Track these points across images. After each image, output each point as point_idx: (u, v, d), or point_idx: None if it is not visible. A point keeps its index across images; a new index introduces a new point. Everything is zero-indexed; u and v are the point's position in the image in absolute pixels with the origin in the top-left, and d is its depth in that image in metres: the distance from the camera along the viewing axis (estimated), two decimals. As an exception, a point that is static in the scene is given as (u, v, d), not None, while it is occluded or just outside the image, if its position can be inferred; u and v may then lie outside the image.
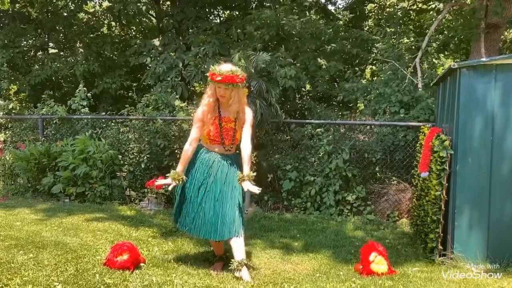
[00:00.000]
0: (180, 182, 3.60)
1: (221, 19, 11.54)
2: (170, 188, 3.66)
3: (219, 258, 3.90)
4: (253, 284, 3.23)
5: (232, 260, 3.50)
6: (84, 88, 7.63)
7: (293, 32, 8.41)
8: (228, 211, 3.54)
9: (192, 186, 3.63)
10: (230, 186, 3.58)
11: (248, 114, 3.69)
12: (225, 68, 3.55)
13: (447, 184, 4.06)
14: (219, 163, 3.62)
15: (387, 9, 11.07)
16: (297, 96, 8.79)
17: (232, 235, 3.51)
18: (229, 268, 3.51)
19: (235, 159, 3.70)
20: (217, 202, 3.56)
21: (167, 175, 3.65)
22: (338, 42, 8.99)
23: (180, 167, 3.62)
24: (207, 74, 3.66)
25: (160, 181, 3.81)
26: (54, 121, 7.40)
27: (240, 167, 3.65)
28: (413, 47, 8.13)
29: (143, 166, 6.66)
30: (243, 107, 3.68)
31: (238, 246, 3.51)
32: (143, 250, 4.01)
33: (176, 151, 6.66)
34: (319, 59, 8.89)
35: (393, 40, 7.94)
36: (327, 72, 8.50)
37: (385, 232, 5.38)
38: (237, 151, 3.74)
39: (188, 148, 3.62)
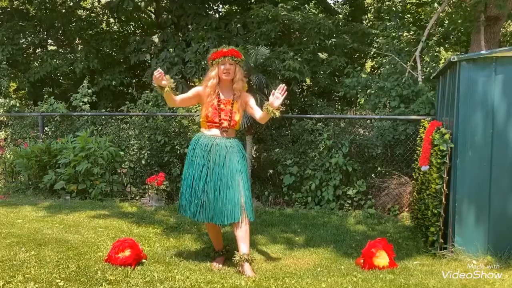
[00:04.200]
0: (167, 87, 3.48)
1: (220, 14, 11.49)
2: (161, 83, 3.47)
3: (220, 253, 3.91)
4: (255, 279, 3.23)
5: (236, 252, 3.51)
6: (89, 84, 7.65)
7: (294, 28, 8.36)
8: (229, 195, 3.52)
9: (194, 172, 3.64)
10: (230, 170, 3.57)
11: (248, 95, 3.76)
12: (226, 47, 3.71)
13: (447, 177, 4.06)
14: (217, 147, 3.61)
15: (386, 2, 11.00)
16: (297, 91, 8.77)
17: (234, 220, 3.51)
18: (232, 260, 3.53)
19: (235, 143, 3.70)
20: (217, 185, 3.55)
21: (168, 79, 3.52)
22: (339, 36, 8.95)
23: (170, 93, 3.55)
24: (209, 56, 3.72)
25: (161, 76, 3.45)
26: (55, 118, 7.40)
27: (241, 152, 3.71)
28: (413, 40, 8.09)
29: (143, 162, 6.67)
30: (241, 90, 3.72)
31: (242, 236, 3.50)
32: (145, 246, 4.02)
33: (177, 147, 6.68)
34: (319, 54, 8.86)
35: (392, 34, 7.90)
36: (328, 67, 8.47)
37: (386, 226, 5.39)
38: (237, 136, 3.79)
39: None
